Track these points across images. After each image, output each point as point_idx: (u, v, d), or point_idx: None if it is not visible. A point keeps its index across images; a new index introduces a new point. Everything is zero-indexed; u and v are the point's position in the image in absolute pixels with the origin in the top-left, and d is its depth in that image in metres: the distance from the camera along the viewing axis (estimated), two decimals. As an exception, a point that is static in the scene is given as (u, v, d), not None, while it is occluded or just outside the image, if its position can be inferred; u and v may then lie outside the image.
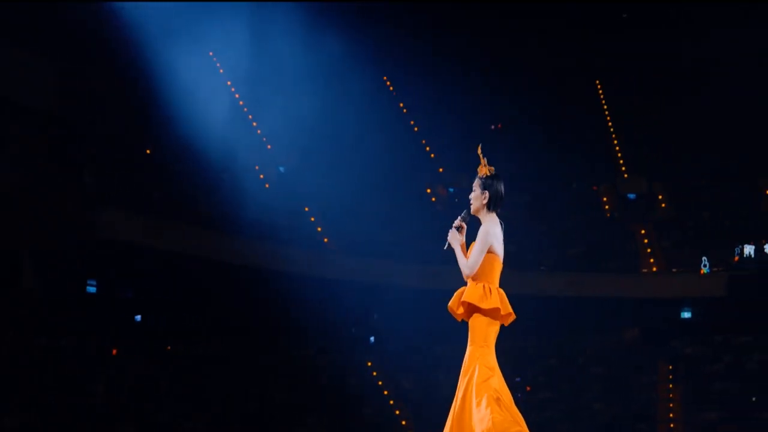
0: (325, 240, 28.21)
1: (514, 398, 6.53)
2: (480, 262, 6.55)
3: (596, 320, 28.43)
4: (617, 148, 34.21)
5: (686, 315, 28.97)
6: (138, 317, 26.07)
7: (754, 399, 26.53)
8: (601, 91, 36.48)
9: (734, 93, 33.56)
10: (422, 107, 34.43)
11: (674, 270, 30.14)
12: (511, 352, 28.20)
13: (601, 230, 31.52)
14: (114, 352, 24.08)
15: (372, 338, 28.25)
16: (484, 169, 7.01)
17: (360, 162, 29.24)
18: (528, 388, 26.58)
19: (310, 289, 26.18)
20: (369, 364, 27.29)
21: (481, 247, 6.56)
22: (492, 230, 6.63)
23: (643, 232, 31.19)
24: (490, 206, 6.70)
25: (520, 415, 6.34)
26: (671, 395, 27.29)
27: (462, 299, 6.54)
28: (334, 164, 28.95)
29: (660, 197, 32.54)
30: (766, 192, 31.94)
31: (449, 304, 6.60)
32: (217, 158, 29.17)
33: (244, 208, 27.96)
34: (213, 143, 29.36)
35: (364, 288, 26.64)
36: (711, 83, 33.96)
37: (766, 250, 29.07)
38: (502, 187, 6.78)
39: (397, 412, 25.69)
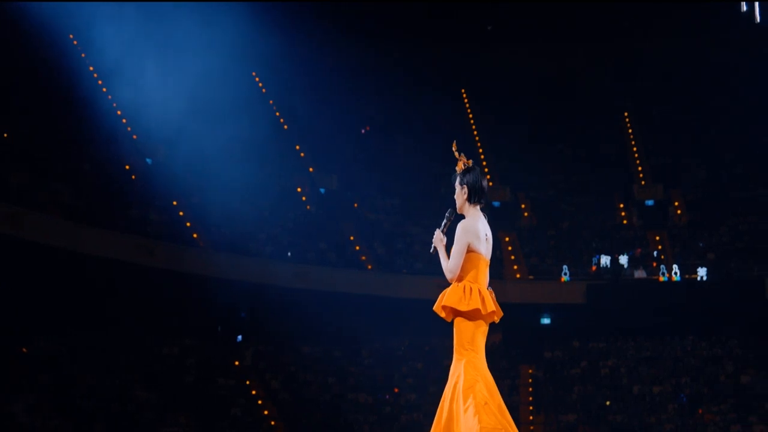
0: (195, 236, 27.49)
1: (382, 400, 6.29)
2: (460, 265, 6.19)
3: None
4: (482, 156, 34.98)
5: (546, 321, 29.95)
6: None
7: (608, 402, 27.71)
8: (466, 100, 37.26)
9: (596, 107, 35.01)
10: (293, 106, 34.21)
11: (530, 277, 31.06)
12: (380, 352, 28.36)
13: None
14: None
15: (240, 337, 27.71)
16: (460, 164, 6.81)
17: (230, 158, 28.70)
18: (396, 390, 26.73)
19: (177, 285, 25.43)
20: (237, 363, 26.76)
21: (459, 248, 6.19)
22: (470, 227, 6.27)
23: (507, 239, 32.02)
24: (471, 199, 6.39)
25: (510, 418, 6.08)
26: (531, 398, 28.11)
27: (442, 303, 6.19)
28: (203, 159, 28.27)
29: (523, 206, 33.52)
30: (620, 206, 33.45)
31: (434, 306, 6.22)
32: (82, 147, 27.99)
33: (110, 199, 26.91)
34: (78, 132, 28.18)
35: (232, 286, 26.08)
36: (574, 97, 35.31)
37: (620, 261, 30.44)
38: (480, 178, 6.46)
39: (266, 412, 25.30)
